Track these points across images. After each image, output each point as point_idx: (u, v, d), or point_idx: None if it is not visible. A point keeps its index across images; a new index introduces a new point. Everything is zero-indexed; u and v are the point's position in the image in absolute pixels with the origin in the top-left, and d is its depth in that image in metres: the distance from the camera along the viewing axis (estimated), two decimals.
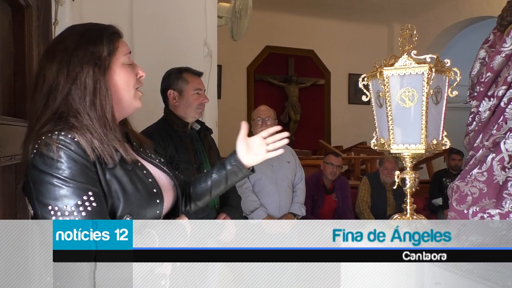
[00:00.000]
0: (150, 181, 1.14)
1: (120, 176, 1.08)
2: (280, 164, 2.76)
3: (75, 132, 1.03)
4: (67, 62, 1.06)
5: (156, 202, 1.14)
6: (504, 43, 1.67)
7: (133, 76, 1.16)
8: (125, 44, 1.16)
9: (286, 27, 7.41)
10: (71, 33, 1.12)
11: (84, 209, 1.00)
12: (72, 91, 1.06)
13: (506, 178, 1.60)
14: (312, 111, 7.72)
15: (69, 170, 1.00)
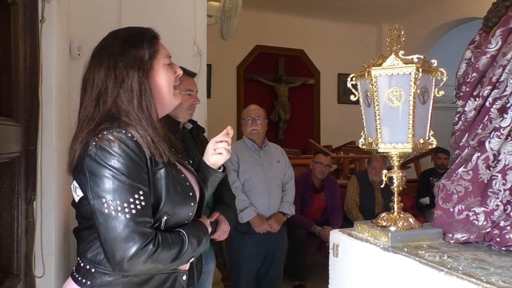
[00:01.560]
0: (187, 184, 1.22)
1: (166, 177, 1.16)
2: (270, 164, 2.77)
3: (132, 130, 1.11)
4: (114, 67, 1.15)
5: (191, 204, 1.22)
6: (489, 44, 1.69)
7: (173, 75, 1.26)
8: (163, 46, 1.25)
9: (276, 27, 7.42)
10: (115, 39, 1.20)
11: (135, 207, 1.07)
12: (120, 94, 1.15)
13: (490, 177, 1.62)
14: (301, 111, 7.75)
15: (126, 168, 1.07)
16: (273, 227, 2.66)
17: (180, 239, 1.16)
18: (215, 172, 1.40)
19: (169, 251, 1.12)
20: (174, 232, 1.18)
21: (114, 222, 1.05)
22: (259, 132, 2.73)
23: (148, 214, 1.10)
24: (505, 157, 1.61)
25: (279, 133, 7.49)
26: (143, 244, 1.06)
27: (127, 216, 1.05)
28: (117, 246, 1.05)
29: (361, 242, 1.65)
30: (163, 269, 1.16)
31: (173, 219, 1.18)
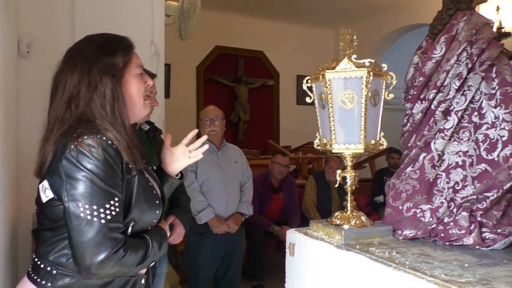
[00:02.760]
0: (154, 192, 1.25)
1: (137, 185, 1.18)
2: (228, 164, 2.77)
3: (111, 135, 1.12)
4: (88, 72, 1.16)
5: (156, 212, 1.25)
6: (434, 50, 1.79)
7: (143, 85, 1.27)
8: (137, 56, 1.27)
9: (236, 28, 7.43)
10: (89, 44, 1.21)
11: (110, 213, 1.09)
12: (94, 99, 1.16)
13: (436, 176, 1.72)
14: (261, 112, 7.81)
15: (104, 173, 1.09)
16: (231, 227, 2.67)
17: (145, 244, 1.20)
18: (172, 179, 1.43)
19: (136, 255, 1.15)
20: (138, 237, 1.21)
21: (88, 227, 1.07)
22: (217, 133, 2.73)
23: (120, 220, 1.13)
24: (449, 157, 1.71)
25: (239, 134, 7.51)
26: (114, 250, 1.09)
27: (101, 221, 1.08)
28: (89, 250, 1.07)
29: (316, 241, 1.69)
30: (127, 272, 1.19)
31: (139, 225, 1.21)
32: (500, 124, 1.59)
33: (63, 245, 1.14)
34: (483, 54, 1.66)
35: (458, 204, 1.63)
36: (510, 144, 1.55)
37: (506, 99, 1.59)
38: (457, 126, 1.69)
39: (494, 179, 1.57)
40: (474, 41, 1.68)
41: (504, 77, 1.62)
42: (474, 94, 1.66)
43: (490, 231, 1.56)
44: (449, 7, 1.82)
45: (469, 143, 1.67)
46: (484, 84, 1.65)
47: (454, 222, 1.61)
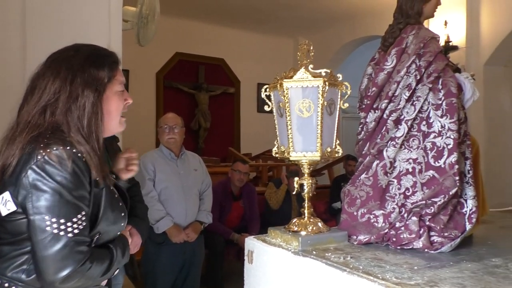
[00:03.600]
0: (120, 204, 1.24)
1: (104, 198, 1.16)
2: (187, 172, 2.74)
3: (82, 148, 1.10)
4: (71, 82, 1.13)
5: (121, 224, 1.25)
6: (386, 61, 1.87)
7: (122, 103, 1.26)
8: (121, 73, 1.27)
9: (196, 35, 7.41)
10: (77, 53, 1.19)
11: (77, 227, 1.07)
12: (72, 110, 1.13)
13: (388, 182, 1.79)
14: (222, 119, 7.80)
15: (73, 186, 1.06)
16: (190, 236, 2.64)
17: (109, 253, 1.19)
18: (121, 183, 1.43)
19: (101, 266, 1.14)
20: (101, 246, 1.20)
21: (55, 241, 1.04)
22: (176, 140, 2.70)
23: (86, 234, 1.11)
24: (400, 164, 1.78)
25: (200, 141, 7.46)
26: (81, 263, 1.07)
27: (68, 235, 1.05)
28: (54, 264, 1.04)
29: (274, 248, 1.71)
30: (91, 284, 1.16)
31: (103, 237, 1.20)
32: (446, 133, 1.68)
33: (23, 260, 1.10)
34: (430, 66, 1.75)
35: (409, 209, 1.71)
36: (455, 151, 1.65)
37: (451, 109, 1.68)
38: (407, 135, 1.77)
39: (441, 185, 1.65)
40: (422, 54, 1.77)
41: (450, 88, 1.71)
42: (422, 104, 1.75)
43: (438, 234, 1.64)
44: (399, 21, 1.91)
45: (418, 151, 1.75)
46: (432, 95, 1.74)
47: (405, 226, 1.68)
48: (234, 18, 7.15)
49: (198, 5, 6.55)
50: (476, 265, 1.43)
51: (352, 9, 6.49)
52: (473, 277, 1.29)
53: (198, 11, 6.83)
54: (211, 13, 6.91)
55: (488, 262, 1.46)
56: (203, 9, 6.73)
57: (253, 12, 6.82)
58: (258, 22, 7.36)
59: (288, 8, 6.54)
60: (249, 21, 7.30)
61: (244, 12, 6.81)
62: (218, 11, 6.80)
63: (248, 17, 7.09)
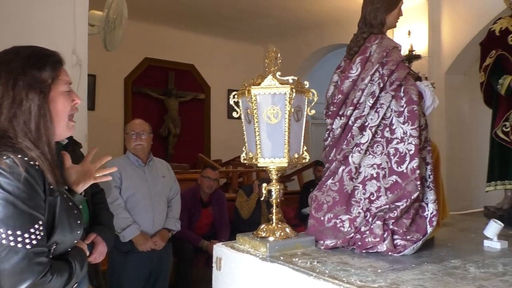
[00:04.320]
0: (76, 212, 1.19)
1: (59, 206, 1.12)
2: (154, 179, 2.70)
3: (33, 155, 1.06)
4: (13, 86, 1.09)
5: (77, 232, 1.21)
6: (351, 69, 1.92)
7: (69, 103, 1.21)
8: (66, 73, 1.22)
9: (166, 40, 7.34)
10: (16, 56, 1.14)
11: (35, 237, 1.03)
12: (17, 115, 1.09)
13: (353, 187, 1.83)
14: (192, 125, 7.74)
15: (27, 195, 1.02)
16: (157, 244, 2.60)
17: (68, 265, 1.15)
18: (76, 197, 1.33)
19: (61, 278, 1.11)
20: (61, 259, 1.16)
21: (12, 254, 1.01)
22: (144, 147, 2.66)
23: (44, 244, 1.08)
24: (365, 169, 1.83)
25: (169, 148, 7.36)
26: (41, 275, 1.04)
27: (26, 247, 1.02)
28: (12, 278, 1.01)
29: (242, 254, 1.71)
30: None
31: (60, 247, 1.16)
32: (408, 139, 1.73)
33: None
34: (392, 75, 1.81)
35: (373, 213, 1.75)
36: (416, 157, 1.70)
37: (413, 116, 1.75)
38: (371, 141, 1.82)
39: (404, 190, 1.70)
40: (385, 62, 1.83)
41: (411, 96, 1.78)
42: (385, 111, 1.81)
43: (401, 238, 1.69)
44: (363, 31, 1.97)
45: (382, 157, 1.80)
46: (394, 102, 1.80)
47: (369, 230, 1.72)
48: (204, 24, 7.14)
49: (167, 11, 6.50)
50: (437, 266, 1.48)
51: (320, 18, 6.62)
52: (433, 278, 1.34)
53: (167, 16, 6.78)
54: (181, 19, 6.87)
55: (447, 264, 1.52)
56: (172, 14, 6.68)
57: (223, 19, 6.83)
58: (229, 29, 7.38)
59: (258, 16, 6.60)
60: (219, 27, 7.31)
61: (214, 18, 6.81)
62: (188, 17, 6.77)
63: (218, 24, 7.10)
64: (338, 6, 5.92)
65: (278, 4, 6.11)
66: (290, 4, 6.11)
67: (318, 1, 5.98)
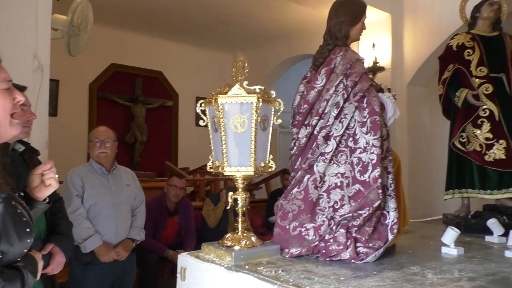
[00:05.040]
0: (24, 220, 1.13)
1: (4, 213, 1.06)
2: (118, 188, 2.64)
3: None
4: None
5: (27, 241, 1.14)
6: (316, 80, 1.96)
7: (10, 101, 1.15)
8: (4, 70, 1.16)
9: (133, 46, 7.23)
10: None
11: None
12: None
13: (318, 196, 1.86)
14: (159, 132, 7.64)
15: None
16: (120, 254, 2.53)
17: (20, 274, 1.10)
18: (39, 204, 1.32)
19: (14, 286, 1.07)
20: (12, 267, 1.11)
21: None
22: (108, 155, 2.59)
23: None
24: (329, 178, 1.86)
25: (135, 155, 7.22)
26: None
27: None
28: None
29: (207, 264, 1.70)
30: None
31: (8, 256, 1.10)
32: (371, 149, 1.78)
33: None
34: (356, 86, 1.86)
35: (337, 221, 1.78)
36: (378, 166, 1.75)
37: (375, 127, 1.80)
38: (336, 150, 1.86)
39: (366, 198, 1.75)
40: (349, 74, 1.88)
41: (373, 107, 1.83)
42: (349, 122, 1.85)
43: (363, 245, 1.73)
44: (328, 43, 2.02)
45: (346, 166, 1.84)
46: (357, 113, 1.85)
47: (333, 238, 1.75)
48: (173, 31, 7.09)
49: (135, 17, 6.42)
50: (397, 273, 1.52)
51: (289, 28, 6.73)
52: (393, 285, 1.38)
53: (135, 22, 6.70)
54: (149, 25, 6.80)
55: (407, 270, 1.56)
56: (141, 21, 6.60)
57: (192, 26, 6.82)
58: (198, 36, 7.37)
59: (226, 24, 6.63)
60: (188, 34, 7.28)
61: (183, 25, 6.78)
62: (156, 23, 6.71)
63: (187, 31, 7.07)
64: (306, 17, 6.04)
65: (247, 13, 6.17)
66: (259, 14, 6.18)
67: (286, 12, 6.08)
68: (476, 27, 3.02)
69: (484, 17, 2.96)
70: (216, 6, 5.88)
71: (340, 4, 2.03)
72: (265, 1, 5.73)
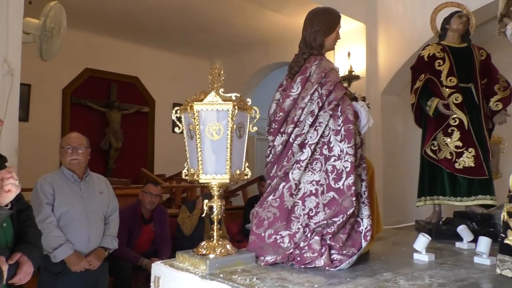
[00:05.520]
0: None
1: None
2: (91, 195, 2.58)
3: None
4: None
5: None
6: (292, 88, 1.98)
7: None
8: None
9: (109, 51, 7.13)
10: None
11: None
12: None
13: (293, 203, 1.87)
14: (135, 139, 7.53)
15: None
16: (92, 264, 2.46)
17: None
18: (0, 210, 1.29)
19: None
20: None
21: None
22: (80, 161, 2.53)
23: None
24: (304, 186, 1.88)
25: (110, 162, 7.09)
26: None
27: None
28: None
29: (182, 272, 1.68)
30: None
31: None
32: (345, 157, 1.81)
33: None
34: (330, 95, 1.89)
35: (312, 229, 1.79)
36: (352, 174, 1.78)
37: (349, 135, 1.83)
38: (311, 158, 1.88)
39: (341, 206, 1.76)
40: (323, 83, 1.91)
41: (347, 115, 1.86)
42: (324, 130, 1.88)
43: (337, 252, 1.75)
44: (303, 52, 2.04)
45: (320, 173, 1.86)
46: (332, 121, 1.87)
47: (308, 246, 1.76)
48: (149, 36, 7.03)
49: (111, 21, 6.33)
50: (370, 280, 1.54)
51: (266, 36, 6.78)
52: None
53: (111, 27, 6.60)
54: (125, 30, 6.72)
55: (380, 277, 1.58)
56: (116, 25, 6.52)
57: (169, 32, 6.78)
58: (175, 42, 7.33)
59: (204, 31, 6.62)
60: (165, 40, 7.23)
61: (161, 31, 6.73)
62: (132, 28, 6.64)
63: (164, 37, 7.02)
64: (283, 25, 6.10)
65: (225, 21, 6.19)
66: (237, 22, 6.21)
67: (264, 20, 6.13)
68: (446, 39, 3.12)
69: (454, 29, 3.07)
70: (194, 13, 5.87)
71: (315, 14, 2.06)
72: (243, 9, 5.76)
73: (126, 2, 5.54)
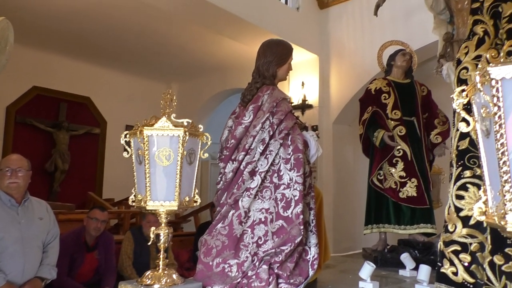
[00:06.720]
0: None
1: None
2: (29, 221, 2.42)
3: None
4: None
5: None
6: (244, 116, 2.00)
7: None
8: None
9: (59, 70, 6.89)
10: None
11: None
12: None
13: (242, 231, 1.86)
14: (83, 161, 7.22)
15: None
16: None
17: None
18: None
19: None
20: None
21: None
22: (20, 185, 2.38)
23: None
24: (254, 213, 1.88)
25: (55, 185, 6.73)
26: None
27: None
28: None
29: None
30: None
31: None
32: (294, 185, 1.84)
33: None
34: (281, 124, 1.93)
35: (260, 257, 1.79)
36: (300, 202, 1.80)
37: (298, 164, 1.86)
38: (261, 186, 1.89)
39: (289, 234, 1.78)
40: (275, 112, 1.95)
41: (297, 145, 1.90)
42: (274, 158, 1.90)
43: (285, 281, 1.75)
44: (256, 81, 2.09)
45: (270, 201, 1.87)
46: (282, 149, 1.91)
47: (256, 275, 1.75)
48: (104, 56, 6.88)
49: (62, 40, 6.14)
50: None
51: (223, 62, 6.86)
52: None
53: (62, 45, 6.40)
54: (77, 49, 6.54)
55: None
56: (68, 44, 6.33)
57: (125, 53, 6.67)
58: (130, 64, 7.22)
59: (161, 54, 6.59)
60: (121, 61, 7.11)
61: (115, 51, 6.62)
62: (85, 47, 6.47)
63: (120, 58, 6.91)
64: (240, 52, 6.20)
65: (182, 45, 6.20)
66: (194, 47, 6.24)
67: (221, 47, 6.20)
68: (391, 74, 3.30)
69: (398, 66, 3.26)
70: (152, 35, 5.84)
71: (268, 46, 2.12)
72: (201, 35, 5.81)
73: (81, 20, 5.42)
